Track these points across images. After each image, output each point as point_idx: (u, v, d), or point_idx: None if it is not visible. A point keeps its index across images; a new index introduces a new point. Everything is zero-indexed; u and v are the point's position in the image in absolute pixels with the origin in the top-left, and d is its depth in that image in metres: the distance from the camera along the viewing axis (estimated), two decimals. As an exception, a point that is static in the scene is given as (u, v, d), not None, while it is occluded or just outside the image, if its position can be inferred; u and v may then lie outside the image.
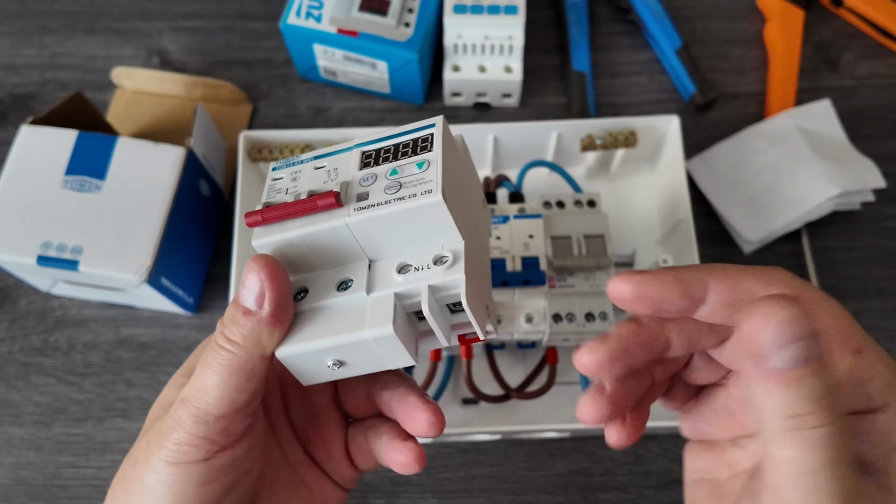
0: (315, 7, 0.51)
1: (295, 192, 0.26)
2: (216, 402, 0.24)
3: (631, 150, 0.50)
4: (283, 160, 0.28)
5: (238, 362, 0.24)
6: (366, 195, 0.25)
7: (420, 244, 0.25)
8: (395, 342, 0.24)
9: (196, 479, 0.25)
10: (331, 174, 0.26)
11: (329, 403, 0.30)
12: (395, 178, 0.25)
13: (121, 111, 0.56)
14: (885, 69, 0.56)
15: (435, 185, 0.23)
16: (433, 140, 0.25)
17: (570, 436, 0.46)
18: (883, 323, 0.49)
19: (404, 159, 0.25)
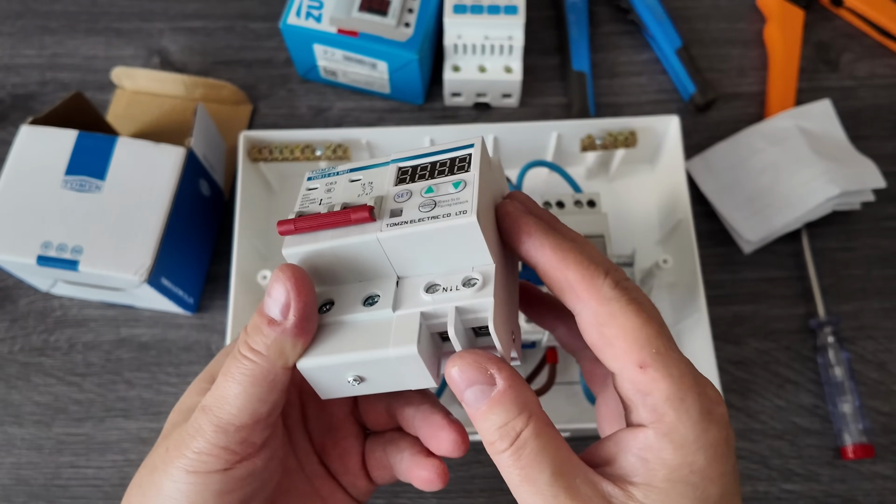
0: (315, 7, 0.51)
1: (329, 204, 0.26)
2: (237, 412, 0.24)
3: (631, 150, 0.50)
4: (319, 170, 0.28)
5: (261, 372, 0.24)
6: (399, 211, 0.24)
7: (450, 264, 0.25)
8: (418, 362, 0.24)
9: (214, 489, 0.25)
10: (366, 188, 0.26)
11: (347, 416, 0.30)
12: (430, 196, 0.24)
13: (121, 111, 0.56)
14: (885, 69, 0.56)
15: (470, 206, 0.23)
16: (471, 161, 0.25)
17: (570, 436, 0.46)
18: (882, 323, 0.49)
19: (440, 178, 0.25)
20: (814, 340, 0.49)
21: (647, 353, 0.23)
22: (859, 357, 0.48)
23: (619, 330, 0.23)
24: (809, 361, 0.48)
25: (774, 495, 0.45)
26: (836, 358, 0.47)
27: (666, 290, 0.50)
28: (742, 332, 0.49)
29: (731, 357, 0.48)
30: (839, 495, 0.45)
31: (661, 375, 0.23)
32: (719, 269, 0.51)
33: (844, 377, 0.46)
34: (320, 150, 0.49)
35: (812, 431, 0.46)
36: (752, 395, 0.47)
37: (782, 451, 0.46)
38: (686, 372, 0.23)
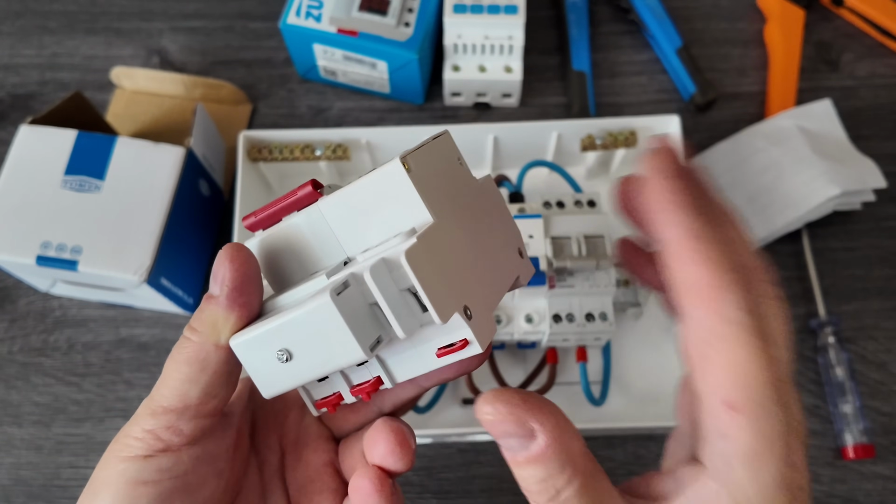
0: (315, 7, 0.51)
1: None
2: (167, 393, 0.24)
3: (631, 150, 0.50)
4: None
5: (193, 350, 0.24)
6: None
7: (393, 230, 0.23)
8: (335, 318, 0.21)
9: (132, 477, 0.24)
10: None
11: (326, 467, 0.28)
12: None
13: (120, 111, 0.56)
14: (886, 69, 0.56)
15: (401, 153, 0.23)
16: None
17: (570, 436, 0.46)
18: (883, 323, 0.49)
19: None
20: (814, 341, 0.49)
21: (743, 396, 0.20)
22: (860, 357, 0.48)
23: (723, 358, 0.20)
24: (810, 362, 0.48)
25: (775, 496, 0.45)
26: (837, 358, 0.47)
27: (666, 291, 0.49)
28: (742, 332, 0.49)
29: (731, 357, 0.48)
30: (840, 495, 0.45)
31: (748, 426, 0.20)
32: (720, 269, 0.50)
33: (845, 377, 0.46)
34: (320, 150, 0.49)
35: (813, 432, 0.46)
36: (752, 396, 0.47)
37: (783, 452, 0.46)
38: (780, 432, 0.20)
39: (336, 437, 0.29)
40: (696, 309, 0.20)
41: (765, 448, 0.20)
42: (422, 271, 0.21)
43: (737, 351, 0.20)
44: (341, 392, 0.25)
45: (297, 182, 0.53)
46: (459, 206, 0.24)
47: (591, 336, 0.43)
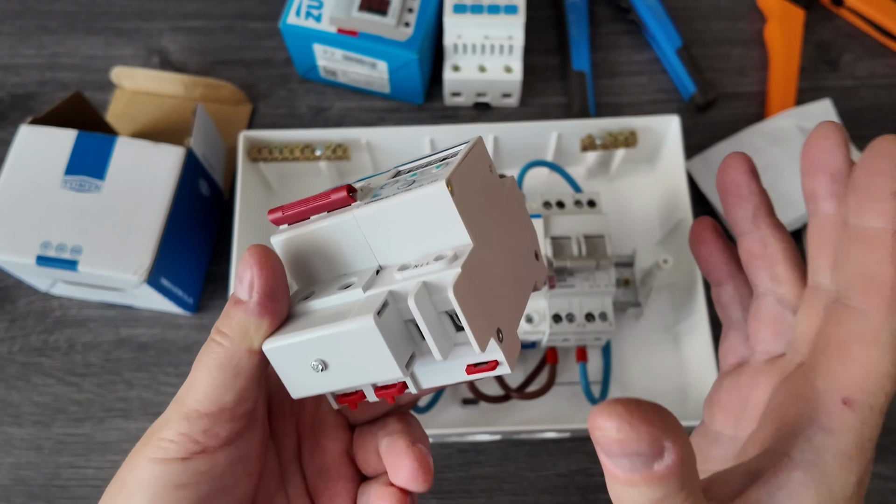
0: (315, 7, 0.51)
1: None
2: (202, 398, 0.24)
3: (631, 150, 0.50)
4: None
5: (225, 356, 0.23)
6: (380, 194, 0.24)
7: (430, 246, 0.23)
8: (376, 339, 0.21)
9: (170, 480, 0.24)
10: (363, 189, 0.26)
11: (343, 455, 0.28)
12: (413, 178, 0.24)
13: (120, 111, 0.56)
14: (886, 69, 0.56)
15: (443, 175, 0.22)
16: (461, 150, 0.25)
17: (570, 436, 0.46)
18: (883, 323, 0.49)
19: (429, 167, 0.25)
20: (814, 340, 0.48)
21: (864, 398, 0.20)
22: (860, 357, 0.48)
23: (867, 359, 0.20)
24: (810, 361, 0.48)
25: (775, 496, 0.45)
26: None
27: (666, 290, 0.49)
28: (742, 332, 0.49)
29: (731, 357, 0.48)
30: (840, 496, 0.45)
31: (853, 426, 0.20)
32: (720, 269, 0.50)
33: (845, 377, 0.46)
34: (320, 150, 0.49)
35: (812, 432, 0.46)
36: (752, 396, 0.47)
37: (783, 452, 0.46)
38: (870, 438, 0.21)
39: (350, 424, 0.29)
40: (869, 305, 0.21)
41: (859, 451, 0.20)
42: (465, 301, 0.21)
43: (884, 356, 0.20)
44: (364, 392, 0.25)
45: (297, 182, 0.53)
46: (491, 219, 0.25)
47: (591, 336, 0.43)
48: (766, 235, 0.27)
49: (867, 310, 0.21)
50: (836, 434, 0.20)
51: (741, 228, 0.27)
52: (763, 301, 0.27)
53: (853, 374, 0.21)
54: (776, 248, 0.26)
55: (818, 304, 0.24)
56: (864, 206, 0.21)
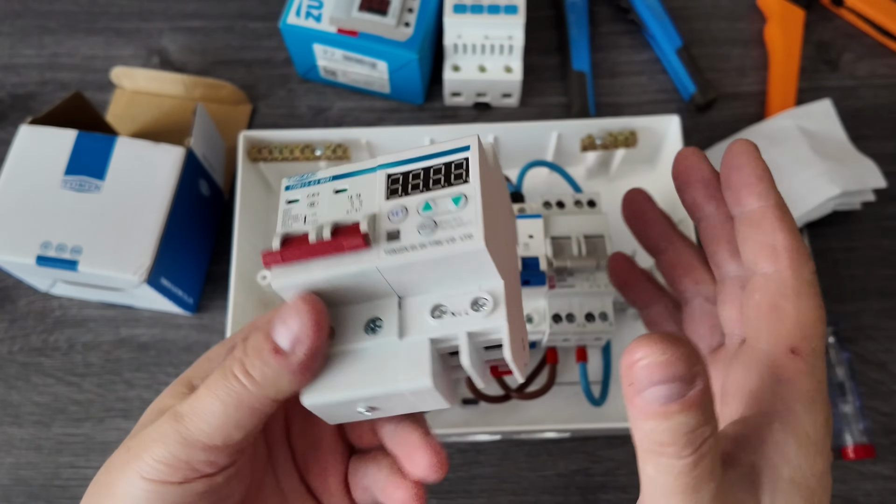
0: (315, 7, 0.51)
1: (315, 223, 0.24)
2: (211, 432, 0.23)
3: (631, 150, 0.50)
4: (297, 177, 0.25)
5: (248, 398, 0.23)
6: (396, 233, 0.23)
7: (455, 285, 0.23)
8: (433, 392, 0.23)
9: (166, 500, 0.23)
10: (354, 202, 0.24)
11: (333, 431, 0.29)
12: (429, 214, 0.23)
13: (120, 111, 0.56)
14: (886, 69, 0.56)
15: (475, 227, 0.22)
16: (468, 168, 0.23)
17: (570, 436, 0.46)
18: (883, 323, 0.49)
19: (437, 189, 0.23)
20: (814, 340, 0.49)
21: (807, 344, 0.23)
22: (860, 357, 0.48)
23: (796, 310, 0.23)
24: (810, 361, 0.48)
25: (775, 496, 0.45)
26: (837, 358, 0.47)
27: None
28: (742, 332, 0.49)
29: (731, 357, 0.48)
30: (839, 496, 0.45)
31: (807, 370, 0.23)
32: (720, 269, 0.50)
33: (845, 377, 0.46)
34: (320, 150, 0.49)
35: (812, 432, 0.46)
36: (752, 396, 0.47)
37: (783, 452, 0.46)
38: (824, 378, 0.23)
39: None
40: (776, 264, 0.24)
41: (819, 392, 0.23)
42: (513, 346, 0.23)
43: (809, 304, 0.23)
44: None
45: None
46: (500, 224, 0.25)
47: (591, 336, 0.43)
48: (679, 248, 0.30)
49: (779, 270, 0.24)
50: (795, 381, 0.23)
51: (657, 248, 0.31)
52: (693, 304, 0.30)
53: (790, 327, 0.23)
54: (691, 256, 0.30)
55: (733, 289, 0.27)
56: (740, 194, 0.25)
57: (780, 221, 0.24)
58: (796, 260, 0.24)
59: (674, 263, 0.31)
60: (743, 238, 0.25)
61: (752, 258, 0.25)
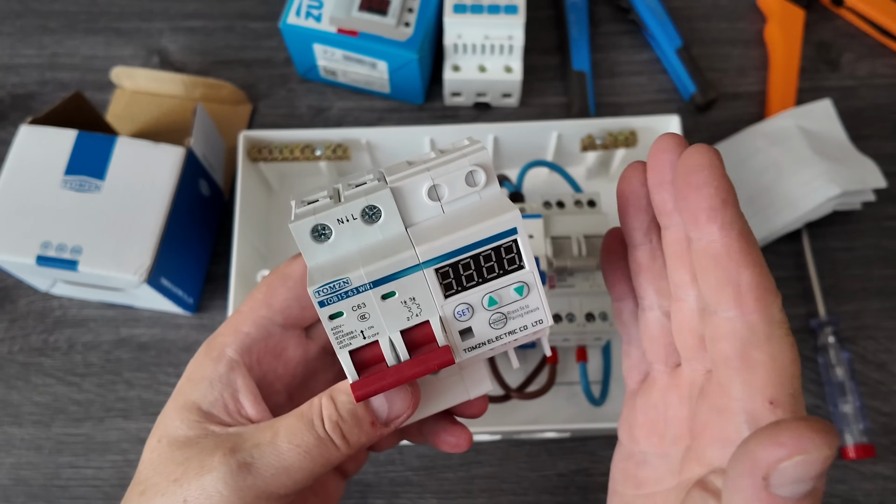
0: (315, 7, 0.51)
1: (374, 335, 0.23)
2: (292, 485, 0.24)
3: (631, 150, 0.50)
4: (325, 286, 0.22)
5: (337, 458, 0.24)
6: (469, 331, 0.24)
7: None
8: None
9: None
10: (410, 307, 0.23)
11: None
12: (496, 308, 0.23)
13: (120, 111, 0.56)
14: (886, 69, 0.56)
15: (544, 313, 0.24)
16: (519, 252, 0.23)
17: (570, 436, 0.46)
18: (883, 323, 0.49)
19: (493, 279, 0.23)
20: (814, 341, 0.48)
21: (784, 392, 0.21)
22: (860, 357, 0.48)
23: (770, 358, 0.21)
24: (810, 362, 0.48)
25: (775, 496, 0.45)
26: (837, 358, 0.47)
27: (666, 290, 0.49)
28: (742, 332, 0.49)
29: (731, 357, 0.48)
30: (840, 496, 0.45)
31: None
32: (720, 269, 0.50)
33: (845, 377, 0.46)
34: (320, 150, 0.49)
35: (813, 432, 0.46)
36: (752, 396, 0.47)
37: (783, 452, 0.46)
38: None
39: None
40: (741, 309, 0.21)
41: None
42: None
43: (782, 349, 0.21)
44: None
45: (297, 182, 0.53)
46: None
47: (592, 336, 0.43)
48: (655, 249, 0.26)
49: (744, 314, 0.21)
50: None
51: (634, 240, 0.26)
52: (649, 315, 0.26)
53: (765, 378, 0.21)
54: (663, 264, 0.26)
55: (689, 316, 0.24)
56: (699, 219, 0.21)
57: (745, 256, 0.21)
58: (763, 300, 0.21)
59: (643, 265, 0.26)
60: (702, 270, 0.22)
61: (712, 297, 0.22)
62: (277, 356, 0.29)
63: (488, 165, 0.23)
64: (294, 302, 0.28)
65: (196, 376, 0.27)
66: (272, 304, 0.28)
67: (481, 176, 0.23)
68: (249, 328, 0.28)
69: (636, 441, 0.27)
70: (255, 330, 0.28)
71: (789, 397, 0.21)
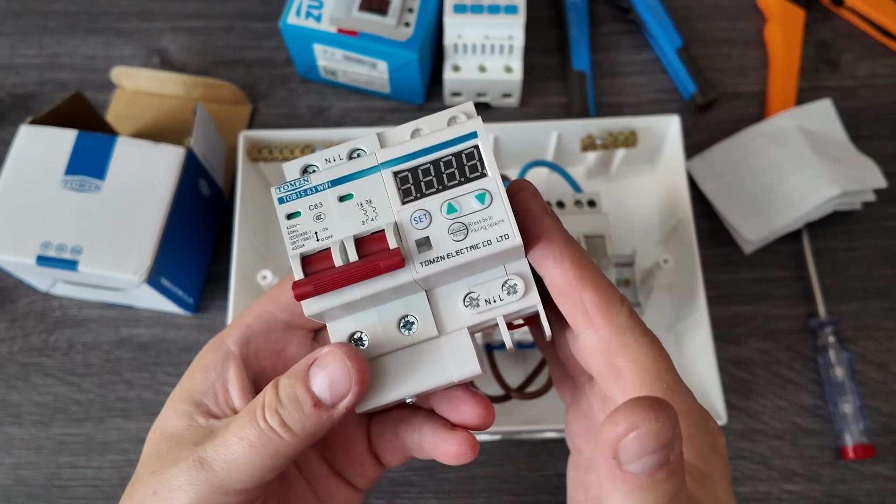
0: (315, 7, 0.51)
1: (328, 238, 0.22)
2: (244, 479, 0.23)
3: (631, 150, 0.50)
4: (288, 185, 0.23)
5: (285, 448, 0.23)
6: (426, 241, 0.22)
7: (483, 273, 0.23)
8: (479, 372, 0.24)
9: None
10: (367, 210, 0.22)
11: None
12: (455, 216, 0.22)
13: (121, 111, 0.56)
14: (886, 69, 0.56)
15: (509, 226, 0.22)
16: (481, 158, 0.22)
17: (570, 436, 0.46)
18: (883, 323, 0.49)
19: (454, 187, 0.22)
20: (814, 341, 0.48)
21: (658, 389, 0.22)
22: (860, 357, 0.48)
23: (631, 363, 0.22)
24: (810, 362, 0.48)
25: (775, 496, 0.45)
26: (837, 358, 0.47)
27: (666, 290, 0.49)
28: (743, 332, 0.49)
29: (731, 357, 0.48)
30: (840, 496, 0.45)
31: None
32: (720, 269, 0.50)
33: (845, 377, 0.46)
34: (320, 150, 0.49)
35: (813, 432, 0.46)
36: (752, 396, 0.47)
37: (783, 452, 0.46)
38: (692, 406, 0.23)
39: None
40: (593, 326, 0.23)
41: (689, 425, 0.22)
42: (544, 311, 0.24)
43: (639, 353, 0.22)
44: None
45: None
46: None
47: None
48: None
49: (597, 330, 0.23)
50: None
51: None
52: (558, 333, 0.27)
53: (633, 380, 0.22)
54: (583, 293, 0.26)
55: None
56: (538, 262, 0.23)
57: (581, 279, 0.23)
58: (607, 314, 0.22)
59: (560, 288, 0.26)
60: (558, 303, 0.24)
61: (572, 322, 0.23)
62: (278, 353, 0.28)
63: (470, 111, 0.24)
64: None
65: (196, 366, 0.28)
66: (278, 301, 0.28)
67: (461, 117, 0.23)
68: (251, 320, 0.28)
69: (579, 449, 0.28)
70: (256, 322, 0.28)
71: (665, 392, 0.22)
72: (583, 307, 0.23)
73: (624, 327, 0.23)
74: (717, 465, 0.22)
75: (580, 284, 0.23)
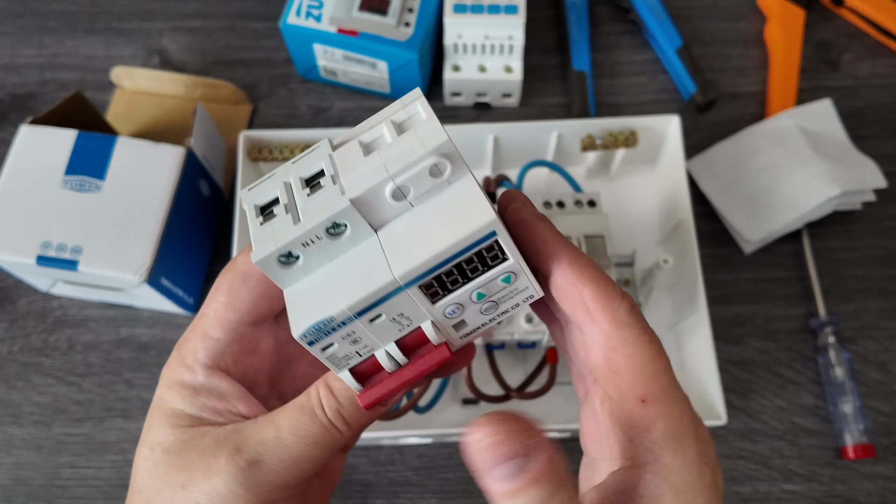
0: (315, 7, 0.51)
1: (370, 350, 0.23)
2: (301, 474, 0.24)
3: (631, 150, 0.50)
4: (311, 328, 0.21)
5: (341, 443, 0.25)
6: (462, 323, 0.23)
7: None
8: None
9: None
10: (400, 321, 0.22)
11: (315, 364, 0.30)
12: (486, 300, 0.23)
13: (121, 111, 0.56)
14: (886, 69, 0.56)
15: (533, 289, 0.23)
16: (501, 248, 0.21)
17: (570, 436, 0.46)
18: (883, 323, 0.49)
19: (478, 276, 0.22)
20: (814, 341, 0.49)
21: (653, 388, 0.22)
22: (860, 357, 0.48)
23: (628, 359, 0.23)
24: (810, 362, 0.48)
25: (775, 496, 0.45)
26: (837, 358, 0.47)
27: (666, 290, 0.49)
28: (743, 332, 0.49)
29: (731, 357, 0.48)
30: (840, 495, 0.45)
31: (662, 413, 0.22)
32: (720, 269, 0.50)
33: (845, 377, 0.46)
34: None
35: (813, 432, 0.46)
36: (752, 396, 0.47)
37: (783, 452, 0.46)
38: (685, 411, 0.23)
39: None
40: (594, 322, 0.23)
41: (680, 429, 0.22)
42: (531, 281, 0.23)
43: (637, 350, 0.22)
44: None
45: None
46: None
47: (592, 336, 0.43)
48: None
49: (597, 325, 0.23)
50: (654, 429, 0.22)
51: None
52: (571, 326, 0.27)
53: (630, 378, 0.23)
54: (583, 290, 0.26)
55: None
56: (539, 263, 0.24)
57: (580, 277, 0.23)
58: (608, 308, 0.23)
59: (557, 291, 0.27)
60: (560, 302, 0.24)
61: (576, 320, 0.24)
62: (252, 353, 0.28)
63: (451, 152, 0.21)
64: (259, 300, 0.27)
65: (175, 384, 0.27)
66: (237, 307, 0.27)
67: (446, 166, 0.21)
68: (219, 334, 0.27)
69: (588, 450, 0.28)
70: (225, 335, 0.27)
71: (659, 391, 0.22)
72: (582, 303, 0.23)
73: (624, 322, 0.23)
74: (702, 475, 0.22)
75: (579, 282, 0.23)
